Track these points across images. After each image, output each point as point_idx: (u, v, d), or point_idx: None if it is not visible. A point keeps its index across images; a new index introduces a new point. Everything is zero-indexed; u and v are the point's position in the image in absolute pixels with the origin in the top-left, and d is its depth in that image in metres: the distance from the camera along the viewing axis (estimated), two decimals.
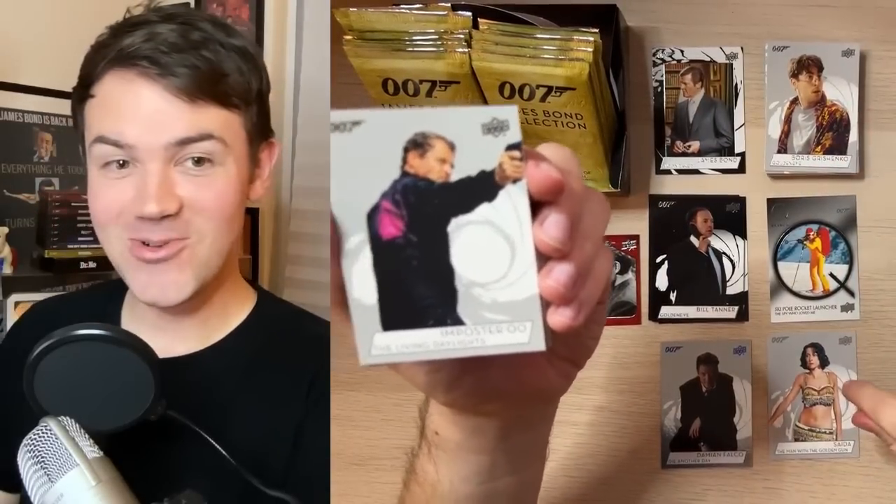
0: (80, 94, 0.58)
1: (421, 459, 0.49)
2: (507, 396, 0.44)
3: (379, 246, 0.36)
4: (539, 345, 0.37)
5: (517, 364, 0.38)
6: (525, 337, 0.36)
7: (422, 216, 0.36)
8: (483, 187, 0.36)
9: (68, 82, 0.59)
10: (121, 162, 0.55)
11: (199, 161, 0.56)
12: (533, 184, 0.35)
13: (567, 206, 0.36)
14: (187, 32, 0.55)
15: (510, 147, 0.35)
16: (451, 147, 0.35)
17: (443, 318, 0.37)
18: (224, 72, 0.56)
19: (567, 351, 0.44)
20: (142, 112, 0.54)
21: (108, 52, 0.55)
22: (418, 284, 0.36)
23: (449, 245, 0.36)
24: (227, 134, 0.57)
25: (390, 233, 0.36)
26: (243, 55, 0.58)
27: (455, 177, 0.36)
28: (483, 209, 0.36)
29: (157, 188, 0.54)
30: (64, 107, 1.29)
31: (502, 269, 0.36)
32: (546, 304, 0.36)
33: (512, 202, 0.36)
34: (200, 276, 0.58)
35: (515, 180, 0.36)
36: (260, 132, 0.61)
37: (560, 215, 0.35)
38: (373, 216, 0.36)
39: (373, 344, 0.36)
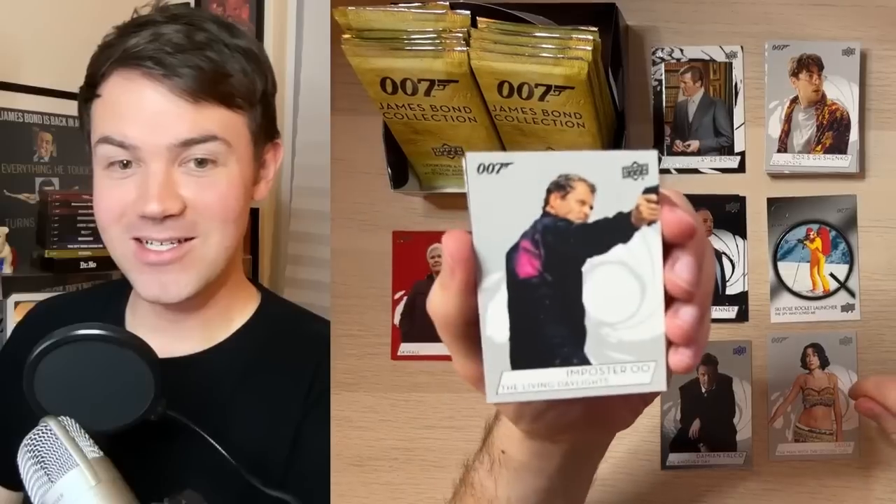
0: (87, 93, 0.58)
1: (480, 473, 0.50)
2: (582, 428, 0.45)
3: (515, 285, 0.37)
4: (660, 385, 0.38)
5: (600, 399, 0.40)
6: (647, 377, 0.38)
7: (558, 256, 0.37)
8: (619, 228, 0.37)
9: (68, 82, 0.60)
10: (124, 162, 0.56)
11: (201, 162, 0.56)
12: (668, 227, 0.37)
13: (695, 250, 0.37)
14: (192, 33, 0.55)
15: (647, 190, 0.37)
16: (592, 189, 0.37)
17: (569, 357, 0.38)
18: (228, 72, 0.56)
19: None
20: (146, 113, 0.55)
21: (114, 53, 0.56)
22: (549, 324, 0.38)
23: (582, 285, 0.38)
24: (231, 135, 0.57)
25: (527, 272, 0.37)
26: (248, 56, 0.58)
27: (593, 218, 0.37)
28: (618, 250, 0.37)
29: (159, 188, 0.54)
30: (64, 107, 1.30)
31: (631, 309, 0.38)
32: (667, 345, 0.38)
33: (646, 243, 0.37)
34: (204, 275, 0.58)
35: (651, 222, 0.37)
36: (265, 133, 0.61)
37: (690, 258, 0.37)
38: (512, 255, 0.37)
39: (500, 383, 0.38)
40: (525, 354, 0.37)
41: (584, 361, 0.38)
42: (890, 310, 0.72)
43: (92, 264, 1.21)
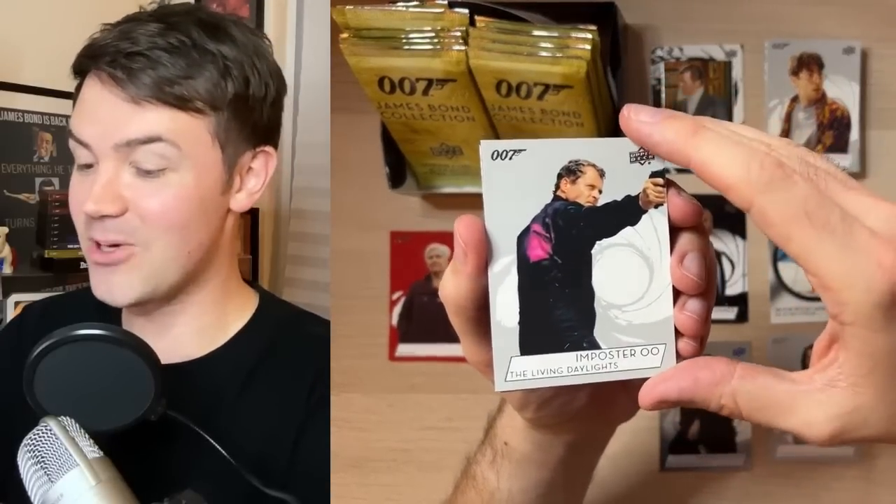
0: (76, 87, 0.59)
1: (482, 466, 0.51)
2: (585, 419, 0.45)
3: (526, 268, 0.38)
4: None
5: (605, 387, 0.41)
6: (657, 360, 0.38)
7: (568, 239, 0.38)
8: (627, 211, 0.38)
9: (68, 82, 0.60)
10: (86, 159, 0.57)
11: (152, 164, 0.55)
12: (674, 209, 0.38)
13: (703, 244, 0.39)
14: (162, 34, 0.55)
15: (654, 174, 0.38)
16: (601, 174, 0.38)
17: (579, 341, 0.38)
18: (186, 76, 0.55)
19: (642, 380, 0.46)
20: (96, 112, 0.55)
21: (85, 49, 0.57)
22: (559, 307, 0.38)
23: (591, 267, 0.38)
24: (183, 138, 0.55)
25: (537, 255, 0.38)
26: (225, 60, 0.56)
27: (602, 201, 0.38)
28: (626, 232, 0.38)
29: (100, 188, 0.55)
30: (64, 107, 1.30)
31: (640, 291, 0.38)
32: (676, 329, 0.39)
33: (653, 225, 0.38)
34: (150, 283, 0.57)
35: (657, 205, 0.38)
36: (245, 139, 0.59)
37: (697, 253, 0.38)
38: (523, 239, 0.38)
39: (509, 369, 0.38)
40: (535, 339, 0.38)
41: (594, 346, 0.38)
42: None
43: None
